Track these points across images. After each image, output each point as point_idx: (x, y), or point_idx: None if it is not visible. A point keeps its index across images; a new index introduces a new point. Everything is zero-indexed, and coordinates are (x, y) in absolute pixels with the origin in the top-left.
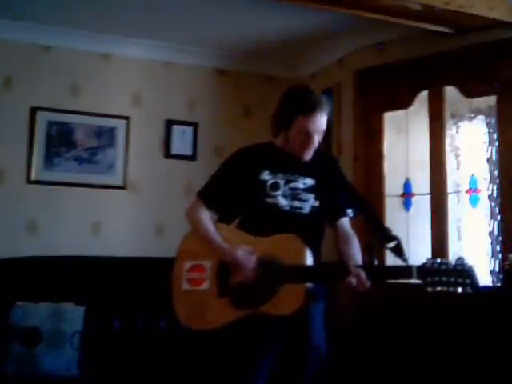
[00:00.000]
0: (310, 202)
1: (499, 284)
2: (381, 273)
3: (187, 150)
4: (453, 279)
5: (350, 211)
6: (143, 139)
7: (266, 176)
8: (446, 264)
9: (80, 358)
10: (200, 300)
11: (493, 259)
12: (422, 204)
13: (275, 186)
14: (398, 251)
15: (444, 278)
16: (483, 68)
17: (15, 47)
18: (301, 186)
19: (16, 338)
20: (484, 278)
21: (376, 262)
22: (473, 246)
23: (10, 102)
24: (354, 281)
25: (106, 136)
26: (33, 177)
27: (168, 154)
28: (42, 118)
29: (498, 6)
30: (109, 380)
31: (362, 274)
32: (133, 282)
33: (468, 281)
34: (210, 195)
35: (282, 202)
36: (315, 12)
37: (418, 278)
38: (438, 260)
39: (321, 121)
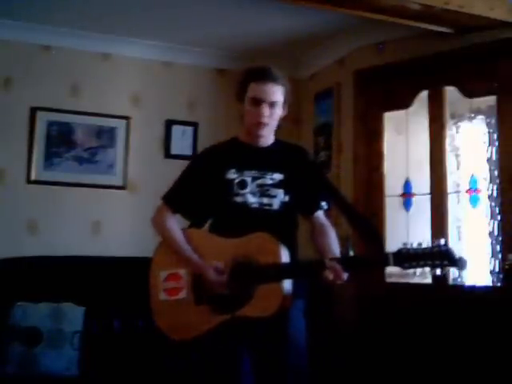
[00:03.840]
0: (279, 198)
1: (499, 284)
2: (357, 263)
3: (187, 150)
4: (430, 262)
5: (324, 204)
6: (143, 139)
7: (232, 175)
8: (422, 248)
9: (80, 358)
10: (179, 309)
11: (493, 259)
12: (422, 204)
13: (242, 184)
14: (376, 239)
15: (421, 262)
16: (483, 68)
17: (15, 47)
18: (269, 181)
19: (16, 337)
20: (484, 278)
21: (352, 253)
22: (473, 246)
23: (10, 102)
24: (330, 275)
25: (106, 136)
26: (33, 177)
27: (168, 154)
28: (41, 118)
29: (498, 6)
30: (109, 380)
31: (337, 266)
32: (133, 282)
33: (446, 262)
34: (175, 199)
35: (251, 199)
36: (315, 12)
37: (395, 264)
38: (414, 245)
39: (272, 90)
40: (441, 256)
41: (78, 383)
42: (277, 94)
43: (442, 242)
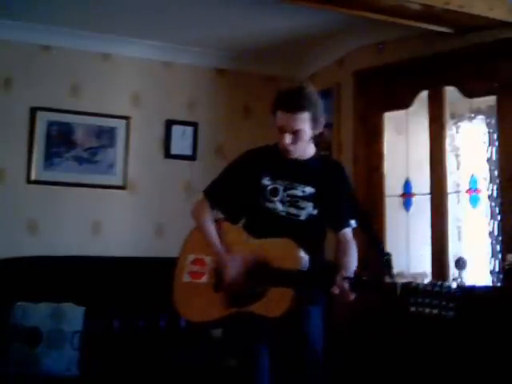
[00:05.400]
0: (308, 210)
1: (499, 284)
2: (364, 286)
3: (187, 150)
4: (436, 301)
5: (353, 222)
6: (143, 139)
7: (266, 181)
8: (432, 286)
9: (80, 358)
10: (197, 293)
11: (493, 259)
12: (422, 204)
13: (274, 192)
14: (388, 267)
15: (427, 300)
16: (483, 68)
17: (15, 47)
18: (299, 193)
19: (16, 338)
20: (484, 278)
21: (393, 276)
22: (473, 245)
23: (10, 102)
24: (337, 291)
25: (106, 136)
26: (33, 177)
27: (168, 154)
28: (42, 118)
29: (498, 6)
30: (109, 380)
31: (346, 285)
32: (133, 282)
33: (451, 304)
34: (214, 194)
35: (280, 207)
36: (315, 12)
37: (401, 295)
38: (426, 281)
39: (295, 120)
40: (449, 298)
41: (78, 383)
42: (300, 122)
43: (452, 283)
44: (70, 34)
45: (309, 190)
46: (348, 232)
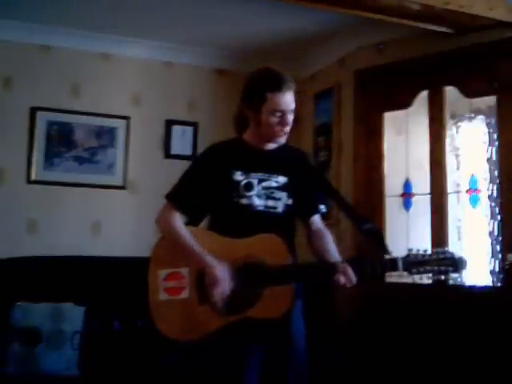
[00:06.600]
0: (283, 201)
1: (499, 284)
2: (367, 266)
3: (187, 150)
4: (436, 267)
5: (322, 207)
6: (143, 139)
7: (239, 176)
8: (430, 254)
9: (80, 358)
10: (181, 310)
11: (493, 259)
12: (422, 204)
13: (249, 186)
14: (380, 243)
15: (428, 268)
16: (483, 68)
17: (15, 47)
18: (274, 184)
19: (16, 338)
20: (484, 278)
21: (388, 251)
22: (473, 245)
23: (10, 102)
24: (342, 278)
25: (105, 136)
26: (33, 177)
27: (168, 154)
28: (42, 118)
29: (498, 6)
30: (109, 380)
31: (349, 269)
32: (133, 282)
33: (452, 268)
34: (181, 198)
35: (256, 201)
36: (315, 12)
37: (404, 269)
38: (421, 250)
39: (291, 99)
40: (448, 262)
41: (78, 383)
42: (293, 101)
43: (448, 248)
44: (70, 33)
45: (282, 179)
46: (317, 219)
